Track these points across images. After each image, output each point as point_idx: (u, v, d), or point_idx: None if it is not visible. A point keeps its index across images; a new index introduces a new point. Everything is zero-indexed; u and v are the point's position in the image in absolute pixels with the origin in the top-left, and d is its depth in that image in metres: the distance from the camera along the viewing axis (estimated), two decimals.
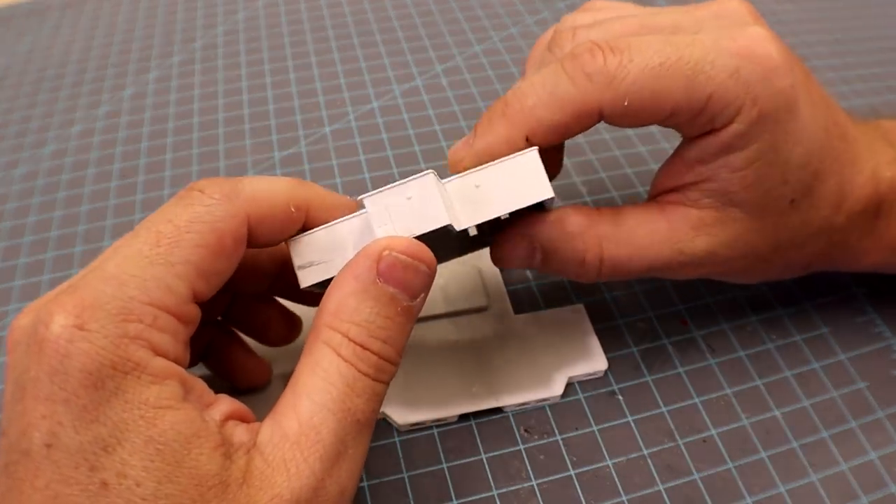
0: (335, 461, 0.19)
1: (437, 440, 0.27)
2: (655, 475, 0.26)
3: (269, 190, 0.21)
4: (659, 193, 0.25)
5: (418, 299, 0.20)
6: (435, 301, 0.30)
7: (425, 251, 0.20)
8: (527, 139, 0.22)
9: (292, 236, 0.22)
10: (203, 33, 0.49)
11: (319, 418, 0.19)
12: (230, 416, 0.19)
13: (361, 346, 0.19)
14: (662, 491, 0.26)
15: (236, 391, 0.27)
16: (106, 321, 0.17)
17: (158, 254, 0.19)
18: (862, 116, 0.27)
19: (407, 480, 0.26)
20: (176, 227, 0.19)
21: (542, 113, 0.22)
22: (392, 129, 0.41)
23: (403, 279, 0.20)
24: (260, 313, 0.27)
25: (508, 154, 0.22)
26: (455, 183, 0.22)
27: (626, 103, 0.21)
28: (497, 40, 0.47)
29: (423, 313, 0.29)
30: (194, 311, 0.20)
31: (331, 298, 0.20)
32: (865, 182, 0.25)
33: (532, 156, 0.22)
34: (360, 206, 0.21)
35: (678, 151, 0.24)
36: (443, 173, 0.22)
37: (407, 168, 0.38)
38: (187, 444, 0.17)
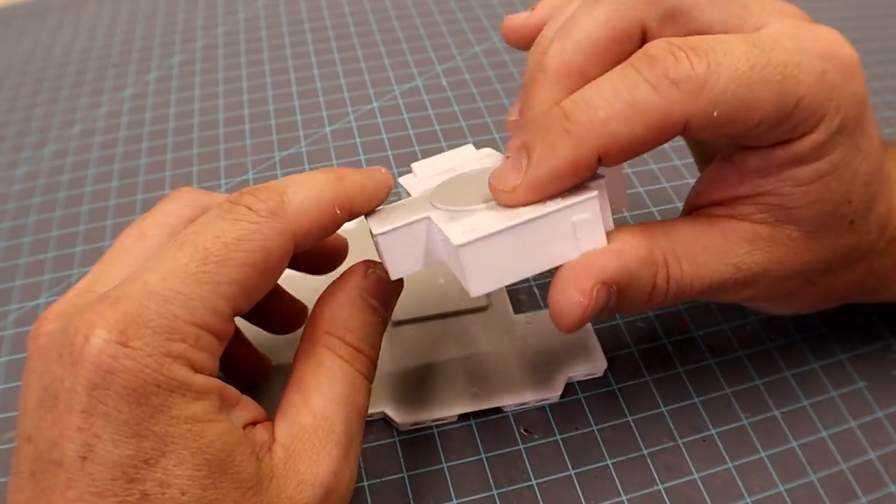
0: (348, 448, 0.20)
1: (437, 440, 0.27)
2: (655, 475, 0.26)
3: (313, 199, 0.20)
4: (701, 206, 0.23)
5: (390, 310, 0.23)
6: (435, 301, 0.30)
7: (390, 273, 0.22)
8: (599, 159, 0.19)
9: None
10: (203, 33, 0.49)
11: (331, 411, 0.20)
12: (254, 420, 0.20)
13: (356, 349, 0.21)
14: (662, 491, 0.26)
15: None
16: (150, 339, 0.17)
17: (205, 272, 0.18)
18: None
19: (407, 480, 0.26)
20: (224, 245, 0.19)
21: (617, 127, 0.19)
22: (392, 129, 0.41)
23: (383, 293, 0.22)
24: (269, 303, 0.27)
25: (575, 180, 0.19)
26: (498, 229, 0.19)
27: (715, 114, 0.19)
28: (497, 40, 0.47)
29: (423, 313, 0.30)
30: (231, 328, 0.20)
31: (325, 309, 0.22)
32: None
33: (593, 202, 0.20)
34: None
35: (730, 160, 0.22)
36: None
37: (407, 168, 0.38)
38: (231, 452, 0.18)
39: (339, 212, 0.21)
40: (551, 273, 0.21)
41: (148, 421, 0.17)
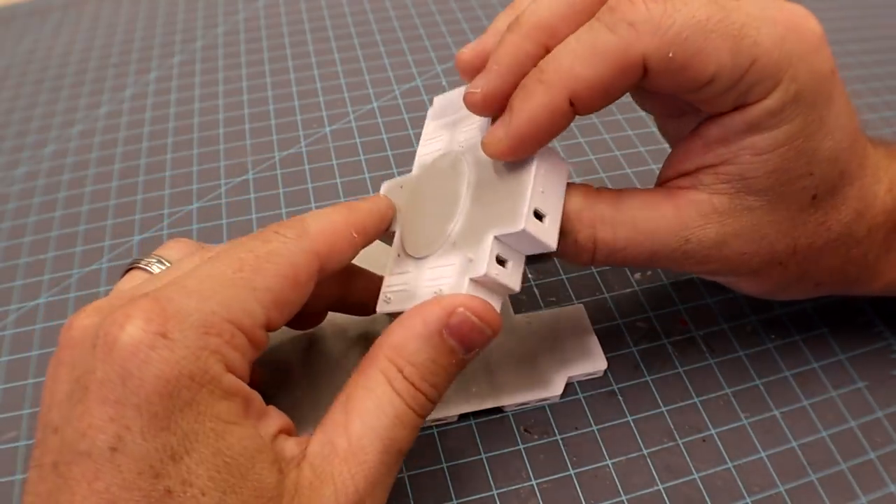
0: (376, 483, 0.20)
1: (437, 440, 0.27)
2: (655, 475, 0.26)
3: (331, 225, 0.22)
4: (668, 179, 0.24)
5: (472, 354, 0.21)
6: None
7: (495, 316, 0.21)
8: (570, 103, 0.20)
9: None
10: (203, 33, 0.49)
11: (368, 440, 0.19)
12: (281, 431, 0.20)
13: (414, 385, 0.20)
14: (662, 491, 0.26)
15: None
16: (189, 332, 0.18)
17: (241, 278, 0.19)
18: (861, 118, 0.27)
19: (407, 480, 0.26)
20: (257, 257, 0.20)
21: (581, 70, 0.20)
22: (392, 129, 0.41)
23: (468, 337, 0.20)
24: None
25: (553, 126, 0.21)
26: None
27: (670, 55, 0.20)
28: None
29: None
30: (264, 338, 0.20)
31: (396, 333, 0.21)
32: (884, 194, 0.24)
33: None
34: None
35: (695, 132, 0.23)
36: None
37: (407, 168, 0.38)
38: (252, 459, 0.18)
39: (356, 236, 0.22)
40: (550, 273, 0.21)
41: (177, 415, 0.17)
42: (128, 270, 0.23)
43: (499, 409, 0.28)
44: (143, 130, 0.42)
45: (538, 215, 0.21)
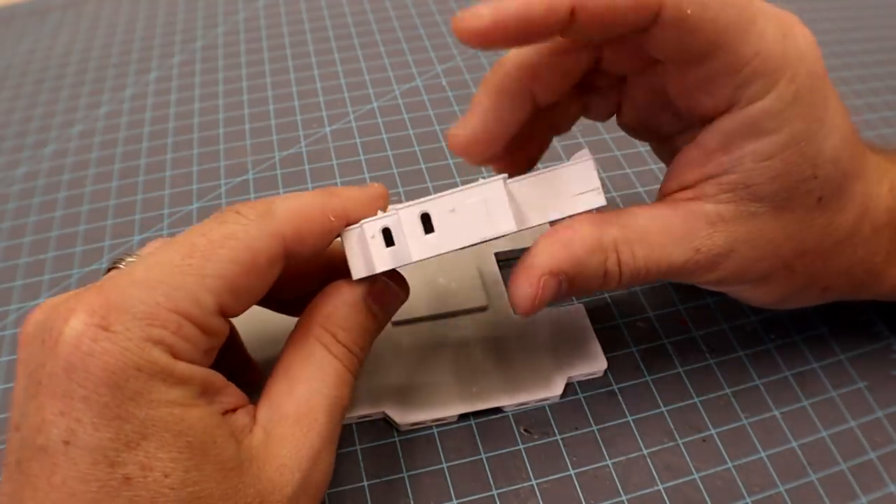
0: (329, 439, 0.21)
1: (437, 440, 0.27)
2: (655, 475, 0.26)
3: (303, 205, 0.21)
4: (669, 193, 0.24)
5: (388, 318, 0.24)
6: (436, 301, 0.30)
7: (406, 284, 0.24)
8: (572, 10, 0.19)
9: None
10: (203, 33, 0.49)
11: (316, 401, 0.21)
12: (236, 406, 0.20)
13: (348, 348, 0.22)
14: (662, 491, 0.26)
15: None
16: (131, 323, 0.17)
17: (190, 265, 0.19)
18: (861, 117, 0.27)
19: (407, 480, 0.26)
20: (210, 241, 0.19)
21: None
22: (392, 129, 0.41)
23: (386, 302, 0.23)
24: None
25: (541, 21, 0.19)
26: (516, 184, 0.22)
27: (688, 11, 0.19)
28: None
29: (423, 313, 0.30)
30: (219, 324, 0.20)
31: (325, 304, 0.22)
32: (886, 193, 0.24)
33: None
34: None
35: (695, 143, 0.23)
36: (442, 170, 0.22)
37: (407, 168, 0.38)
38: (212, 435, 0.18)
39: (333, 219, 0.21)
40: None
41: (128, 404, 0.17)
42: (108, 270, 0.23)
43: (499, 409, 0.28)
44: (143, 130, 0.42)
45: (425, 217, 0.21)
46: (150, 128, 0.42)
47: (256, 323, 0.30)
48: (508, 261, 0.33)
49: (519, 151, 0.27)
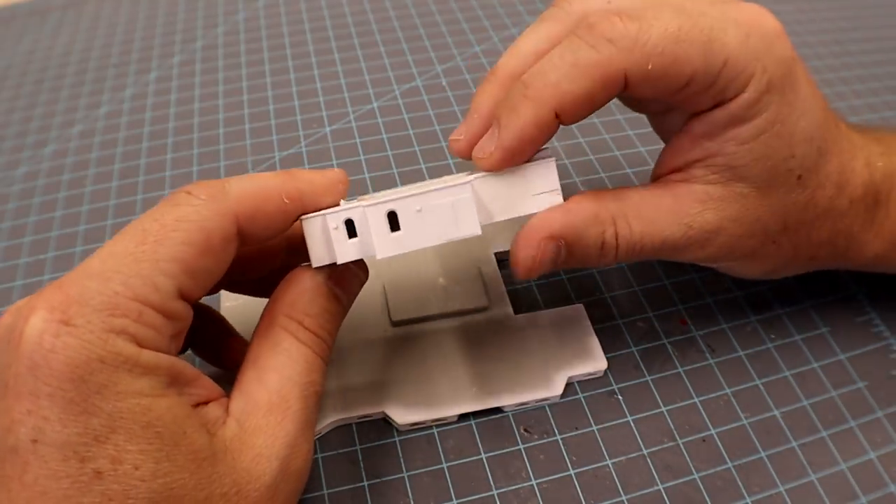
0: (305, 425, 0.21)
1: (437, 440, 0.27)
2: (655, 475, 0.26)
3: (257, 186, 0.21)
4: (660, 176, 0.25)
5: (351, 299, 0.24)
6: (435, 301, 0.30)
7: (365, 266, 0.24)
8: (556, 116, 0.22)
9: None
10: (203, 33, 0.49)
11: (287, 389, 0.21)
12: (208, 399, 0.20)
13: (315, 333, 0.22)
14: (662, 491, 0.26)
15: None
16: (91, 316, 0.17)
17: (144, 251, 0.19)
18: (860, 117, 0.27)
19: (407, 480, 0.26)
20: (162, 226, 0.19)
21: (567, 86, 0.22)
22: (392, 129, 0.41)
23: (348, 284, 0.23)
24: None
25: (540, 138, 0.22)
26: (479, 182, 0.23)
27: (649, 66, 0.21)
28: (497, 40, 0.47)
29: (424, 313, 0.30)
30: (181, 308, 0.20)
31: (287, 291, 0.22)
32: (861, 168, 0.26)
33: (550, 163, 0.23)
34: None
35: (683, 130, 0.24)
36: (442, 170, 0.22)
37: (407, 168, 0.38)
38: (182, 425, 0.18)
39: (287, 201, 0.21)
40: (550, 273, 0.21)
41: (94, 397, 0.17)
42: None
43: (499, 409, 0.28)
44: (143, 130, 0.42)
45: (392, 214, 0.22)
46: (150, 128, 0.42)
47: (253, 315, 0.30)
48: (508, 261, 0.33)
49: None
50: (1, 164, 0.40)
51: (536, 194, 0.23)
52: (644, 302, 0.32)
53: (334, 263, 0.22)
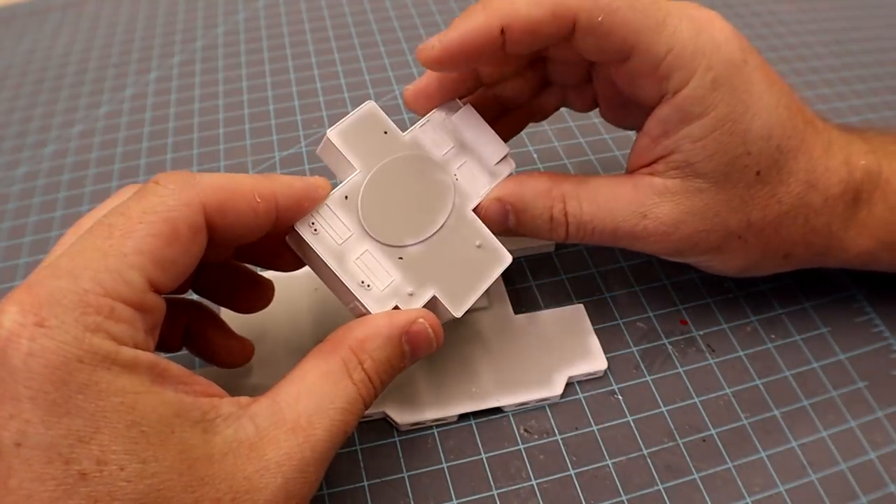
0: (322, 458, 0.20)
1: (437, 440, 0.27)
2: (655, 475, 0.26)
3: (229, 180, 0.21)
4: (630, 172, 0.27)
5: (414, 361, 0.24)
6: None
7: (442, 332, 0.24)
8: (501, 31, 0.23)
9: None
10: (203, 33, 0.49)
11: (318, 419, 0.20)
12: (204, 394, 0.20)
13: (370, 378, 0.22)
14: (662, 491, 0.26)
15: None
16: (65, 316, 0.17)
17: (111, 245, 0.19)
18: (860, 117, 0.27)
19: (407, 480, 0.26)
20: (128, 219, 0.19)
21: (521, 6, 0.23)
22: None
23: (419, 345, 0.23)
24: (228, 280, 0.27)
25: (479, 50, 0.23)
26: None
27: (599, 19, 0.23)
28: None
29: None
30: (154, 301, 0.19)
31: (362, 329, 0.22)
32: (839, 167, 0.26)
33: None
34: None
35: (643, 130, 0.26)
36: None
37: None
38: (170, 424, 0.18)
39: (259, 200, 0.21)
40: (550, 273, 0.21)
41: (76, 398, 0.17)
42: None
43: (499, 409, 0.28)
44: (143, 130, 0.42)
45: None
46: (150, 128, 0.42)
47: (252, 315, 0.30)
48: None
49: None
50: (1, 164, 0.40)
51: (496, 164, 0.26)
52: (644, 302, 0.32)
53: (415, 318, 0.23)
